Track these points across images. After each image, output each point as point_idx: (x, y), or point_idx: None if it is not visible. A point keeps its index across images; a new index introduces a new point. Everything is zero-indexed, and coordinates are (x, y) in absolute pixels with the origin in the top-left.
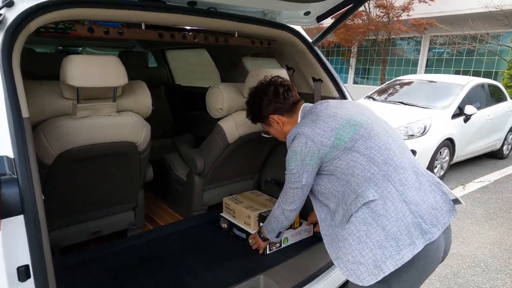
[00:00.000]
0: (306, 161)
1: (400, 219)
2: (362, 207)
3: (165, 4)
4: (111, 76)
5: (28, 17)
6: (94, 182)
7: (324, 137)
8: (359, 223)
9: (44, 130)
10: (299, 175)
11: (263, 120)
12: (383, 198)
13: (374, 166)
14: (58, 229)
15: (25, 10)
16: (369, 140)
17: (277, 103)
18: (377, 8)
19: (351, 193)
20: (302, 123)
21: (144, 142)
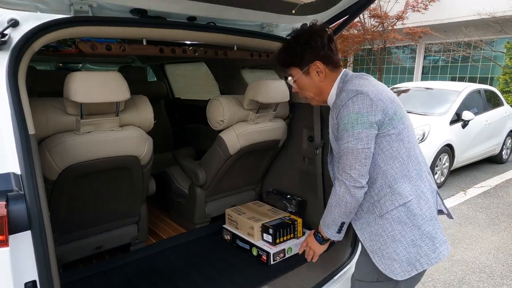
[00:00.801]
0: (373, 125)
1: (434, 218)
2: (399, 207)
3: (166, 20)
4: (114, 91)
5: (33, 36)
6: (97, 196)
7: (386, 105)
8: (394, 221)
9: (48, 147)
10: (368, 140)
11: (301, 65)
12: (417, 197)
13: (411, 163)
14: (61, 245)
15: (30, 30)
16: (410, 134)
17: (329, 50)
18: (372, 18)
19: (386, 186)
20: (360, 84)
21: (146, 155)
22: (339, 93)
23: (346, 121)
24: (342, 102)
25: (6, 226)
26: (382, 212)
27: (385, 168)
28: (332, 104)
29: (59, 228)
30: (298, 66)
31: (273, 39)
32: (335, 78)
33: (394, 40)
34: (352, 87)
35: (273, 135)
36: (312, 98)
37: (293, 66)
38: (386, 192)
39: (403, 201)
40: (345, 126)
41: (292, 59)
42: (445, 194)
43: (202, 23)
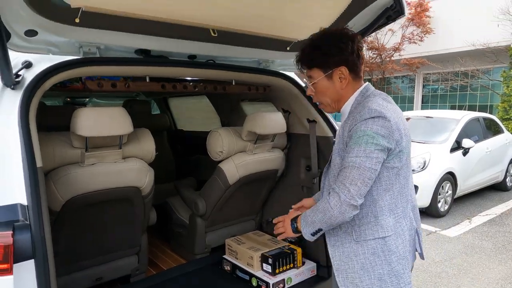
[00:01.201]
0: (385, 150)
1: (405, 258)
2: (378, 239)
3: (168, 59)
4: (117, 125)
5: (44, 76)
6: (99, 227)
7: (401, 136)
8: (369, 251)
9: (54, 178)
10: (377, 161)
11: (326, 68)
12: (396, 234)
13: (400, 199)
14: (62, 277)
15: (42, 71)
16: (408, 170)
17: (357, 57)
18: (370, 50)
19: (371, 215)
20: (383, 105)
21: (148, 186)
22: (356, 105)
23: (361, 136)
24: (362, 118)
25: (11, 255)
26: (360, 238)
27: (376, 198)
28: (346, 115)
29: (60, 259)
30: (322, 68)
31: (270, 74)
32: (355, 88)
33: (392, 70)
34: (376, 106)
35: (271, 165)
36: (328, 105)
37: (316, 68)
38: (370, 221)
39: (383, 234)
40: (358, 140)
41: (318, 59)
42: (449, 222)
43: (202, 61)
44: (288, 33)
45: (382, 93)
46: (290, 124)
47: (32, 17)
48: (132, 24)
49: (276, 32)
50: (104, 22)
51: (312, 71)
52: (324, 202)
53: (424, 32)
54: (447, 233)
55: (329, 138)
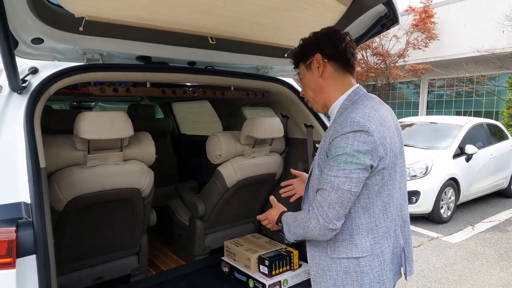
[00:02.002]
0: (368, 168)
1: (380, 281)
2: (351, 259)
3: (168, 65)
4: (119, 129)
5: (49, 82)
6: (101, 227)
7: (386, 152)
8: (341, 269)
9: (57, 179)
10: (358, 182)
11: (305, 59)
12: (373, 255)
13: (382, 218)
14: (64, 275)
15: (47, 76)
16: (393, 186)
17: (334, 48)
18: (374, 56)
19: (347, 232)
20: (368, 114)
21: (147, 188)
22: (342, 111)
23: (340, 154)
24: (343, 131)
25: (14, 250)
26: (334, 255)
27: (353, 216)
28: (331, 121)
29: (62, 258)
30: (302, 61)
31: (268, 80)
32: (344, 85)
33: (397, 76)
34: (360, 117)
35: (269, 168)
36: (312, 99)
37: (300, 62)
38: (345, 239)
39: (357, 255)
40: (337, 159)
41: (298, 54)
42: (452, 228)
43: (201, 67)
44: (285, 41)
45: (372, 97)
46: (288, 128)
47: (39, 26)
48: (134, 32)
49: (274, 40)
50: (107, 30)
51: (299, 68)
52: (305, 220)
53: (428, 38)
54: (449, 239)
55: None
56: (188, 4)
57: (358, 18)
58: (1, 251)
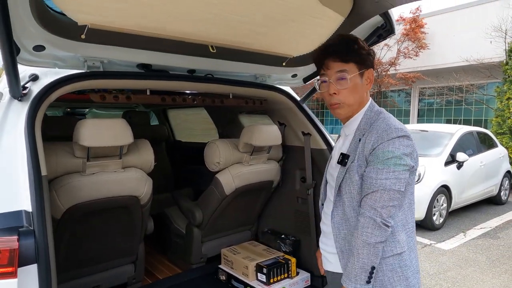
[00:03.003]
0: (410, 170)
1: (418, 272)
2: (395, 255)
3: (168, 73)
4: (119, 136)
5: (50, 89)
6: (98, 235)
7: (417, 155)
8: (387, 268)
9: (56, 187)
10: (405, 183)
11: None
12: (409, 249)
13: (410, 214)
14: (60, 284)
15: (48, 83)
16: (413, 183)
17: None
18: None
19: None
20: (401, 124)
21: (146, 195)
22: (367, 120)
23: (389, 157)
24: (389, 137)
25: (16, 259)
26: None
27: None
28: (353, 127)
29: (59, 267)
30: (358, 64)
31: (266, 88)
32: (367, 99)
33: (388, 84)
34: (398, 125)
35: (266, 176)
36: (350, 105)
37: (353, 63)
38: (388, 238)
39: (400, 250)
40: (387, 162)
41: (358, 54)
42: (444, 235)
43: (200, 75)
44: (284, 50)
45: (384, 110)
46: (286, 136)
47: (41, 33)
48: (135, 40)
49: (272, 49)
50: (108, 38)
51: (347, 65)
52: (359, 236)
53: (419, 47)
54: (442, 246)
55: (323, 150)
56: (189, 13)
57: (355, 29)
58: (3, 261)
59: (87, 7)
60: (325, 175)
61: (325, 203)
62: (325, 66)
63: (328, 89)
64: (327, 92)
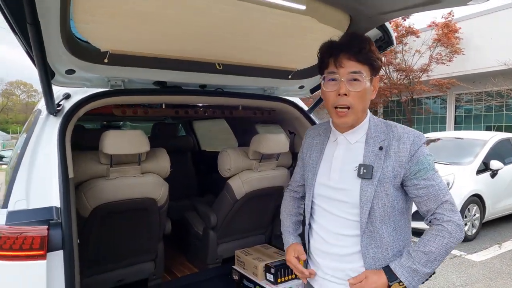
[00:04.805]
0: None
1: None
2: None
3: (181, 89)
4: (137, 145)
5: (79, 105)
6: (121, 233)
7: None
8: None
9: (84, 189)
10: None
11: (374, 70)
12: None
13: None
14: (89, 277)
15: (78, 100)
16: None
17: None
18: (397, 72)
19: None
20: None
21: (162, 198)
22: (376, 128)
23: (430, 161)
24: (421, 142)
25: (46, 245)
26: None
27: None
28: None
29: (88, 261)
30: (371, 69)
31: (274, 99)
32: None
33: (421, 91)
34: (413, 131)
35: (275, 182)
36: (357, 113)
37: (367, 65)
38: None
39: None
40: (433, 166)
41: (373, 57)
42: (476, 246)
43: (211, 90)
44: (288, 64)
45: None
46: (296, 144)
47: (71, 59)
48: (150, 61)
49: (277, 64)
50: (128, 60)
51: (363, 66)
52: (438, 236)
53: (453, 52)
54: (473, 258)
55: None
56: (196, 36)
57: None
58: (36, 245)
59: (107, 36)
60: (317, 191)
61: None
62: (337, 64)
63: (339, 88)
64: (335, 92)
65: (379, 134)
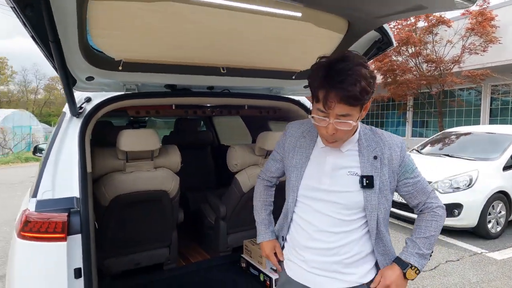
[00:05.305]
0: None
1: None
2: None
3: (190, 91)
4: (149, 142)
5: (98, 107)
6: (137, 221)
7: None
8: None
9: (104, 182)
10: None
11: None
12: None
13: None
14: (110, 258)
15: (97, 103)
16: None
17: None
18: (426, 63)
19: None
20: None
21: (173, 190)
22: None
23: (412, 160)
24: (403, 143)
25: (66, 228)
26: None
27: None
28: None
29: (108, 245)
30: (361, 105)
31: (277, 99)
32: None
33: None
34: (397, 137)
35: None
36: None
37: (359, 106)
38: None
39: None
40: (413, 164)
41: (365, 93)
42: (500, 245)
43: (218, 91)
44: (291, 66)
45: None
46: None
47: (90, 68)
48: (161, 67)
49: (280, 66)
50: (140, 67)
51: (353, 109)
52: (438, 220)
53: (487, 41)
54: (494, 256)
55: None
56: (201, 44)
57: (354, 44)
58: (58, 229)
59: (120, 47)
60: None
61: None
62: (326, 105)
63: (327, 127)
64: (324, 128)
65: (370, 143)
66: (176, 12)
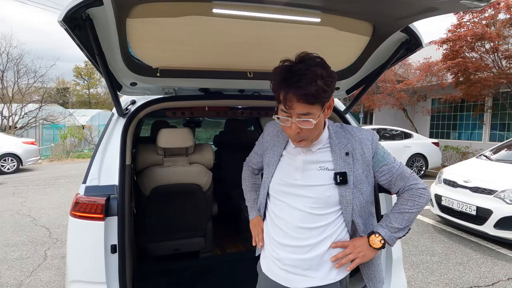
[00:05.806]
0: None
1: None
2: None
3: (222, 94)
4: (184, 140)
5: (140, 109)
6: (174, 210)
7: None
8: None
9: (145, 174)
10: None
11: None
12: None
13: None
14: (153, 243)
15: (140, 105)
16: None
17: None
18: (505, 59)
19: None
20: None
21: (206, 184)
22: (336, 133)
23: (383, 148)
24: (373, 136)
25: (104, 210)
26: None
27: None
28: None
29: (151, 230)
30: (322, 103)
31: None
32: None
33: None
34: (367, 130)
35: None
36: (312, 140)
37: (319, 104)
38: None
39: None
40: (385, 152)
41: (323, 93)
42: None
43: (248, 94)
44: None
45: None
46: None
47: (132, 75)
48: (195, 73)
49: None
50: (175, 73)
51: (313, 107)
52: (423, 199)
53: None
54: None
55: None
56: (230, 51)
57: (380, 46)
58: (98, 210)
59: (157, 57)
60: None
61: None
62: (287, 105)
63: (291, 128)
64: (289, 128)
65: (341, 139)
66: (203, 24)
